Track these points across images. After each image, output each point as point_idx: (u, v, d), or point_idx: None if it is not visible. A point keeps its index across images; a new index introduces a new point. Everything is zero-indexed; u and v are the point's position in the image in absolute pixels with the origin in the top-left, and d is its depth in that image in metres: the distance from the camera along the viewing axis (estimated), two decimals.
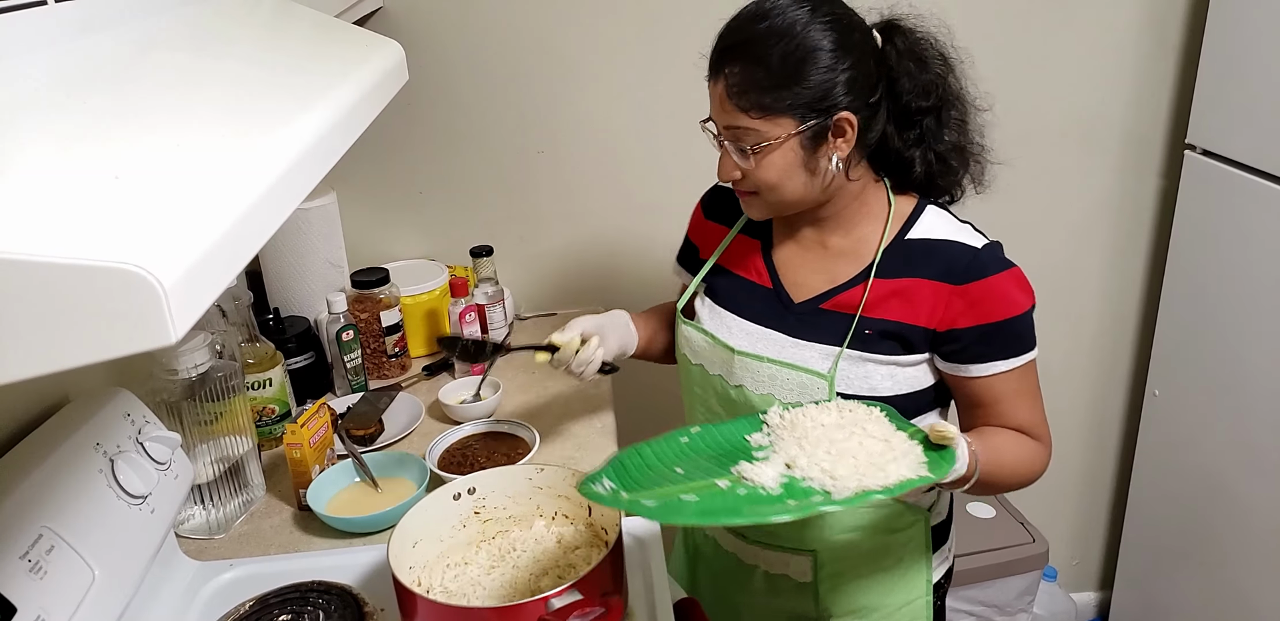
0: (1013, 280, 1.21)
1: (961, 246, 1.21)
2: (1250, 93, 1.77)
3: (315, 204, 1.79)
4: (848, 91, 1.14)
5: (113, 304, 0.50)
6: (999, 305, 1.19)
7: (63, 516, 1.03)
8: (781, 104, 1.14)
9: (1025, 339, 1.22)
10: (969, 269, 1.20)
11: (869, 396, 1.21)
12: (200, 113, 0.77)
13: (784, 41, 1.13)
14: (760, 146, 1.16)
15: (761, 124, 1.15)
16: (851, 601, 1.37)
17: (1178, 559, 2.16)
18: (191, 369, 1.33)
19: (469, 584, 1.17)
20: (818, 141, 1.16)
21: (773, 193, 1.21)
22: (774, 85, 1.13)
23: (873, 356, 1.23)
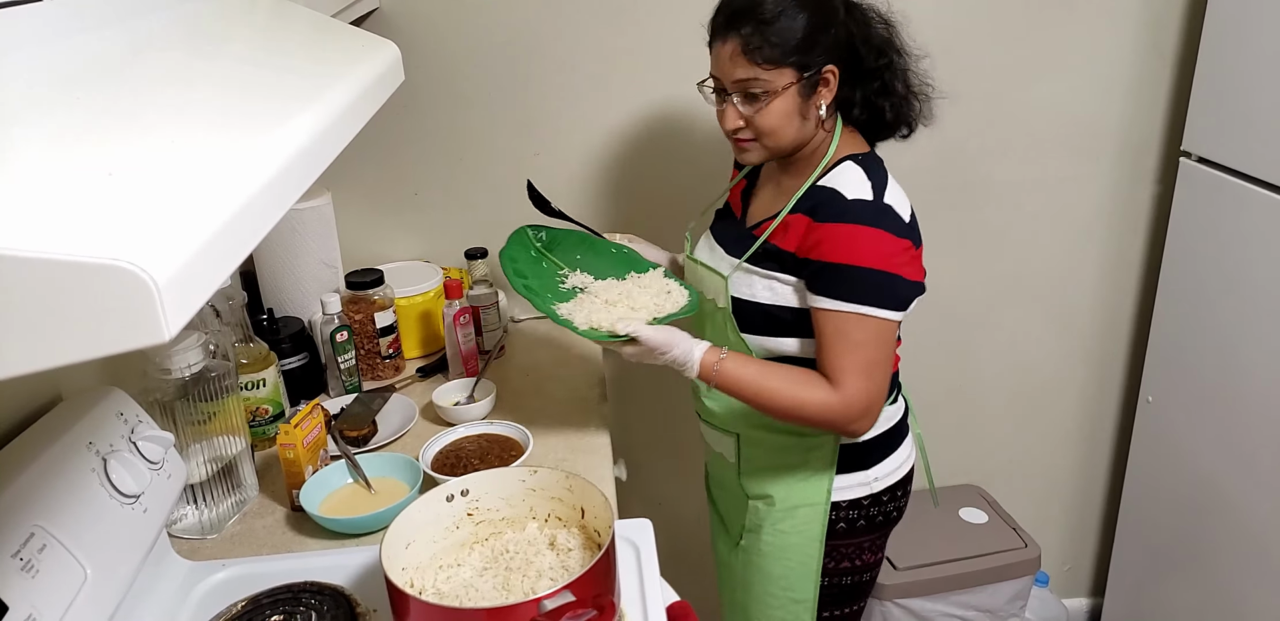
0: (862, 234, 1.37)
1: (836, 194, 1.39)
2: (1246, 100, 1.77)
3: (310, 204, 1.79)
4: (832, 49, 1.39)
5: (105, 301, 0.50)
6: (838, 249, 1.37)
7: (55, 515, 1.03)
8: (787, 58, 1.36)
9: (856, 289, 1.37)
10: (828, 212, 1.39)
11: (750, 301, 1.48)
12: (195, 111, 0.77)
13: (789, 6, 1.36)
14: (767, 94, 1.38)
15: (770, 75, 1.37)
16: (761, 486, 1.60)
17: (1170, 565, 2.16)
18: (185, 368, 1.32)
19: (461, 585, 1.17)
20: (809, 91, 1.40)
21: (771, 137, 1.42)
22: (781, 40, 1.35)
23: (758, 270, 1.47)
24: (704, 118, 1.99)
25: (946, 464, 2.42)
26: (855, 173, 1.42)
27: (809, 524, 1.57)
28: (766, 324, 1.48)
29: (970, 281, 2.22)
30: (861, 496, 1.58)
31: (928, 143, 2.06)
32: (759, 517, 1.60)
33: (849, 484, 1.57)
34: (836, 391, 1.40)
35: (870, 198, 1.39)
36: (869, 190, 1.40)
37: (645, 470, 2.28)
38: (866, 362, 1.40)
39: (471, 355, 1.82)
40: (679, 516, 2.25)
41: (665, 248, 1.79)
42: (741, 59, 1.37)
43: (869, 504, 1.60)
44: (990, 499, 2.35)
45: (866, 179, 1.41)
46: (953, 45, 1.99)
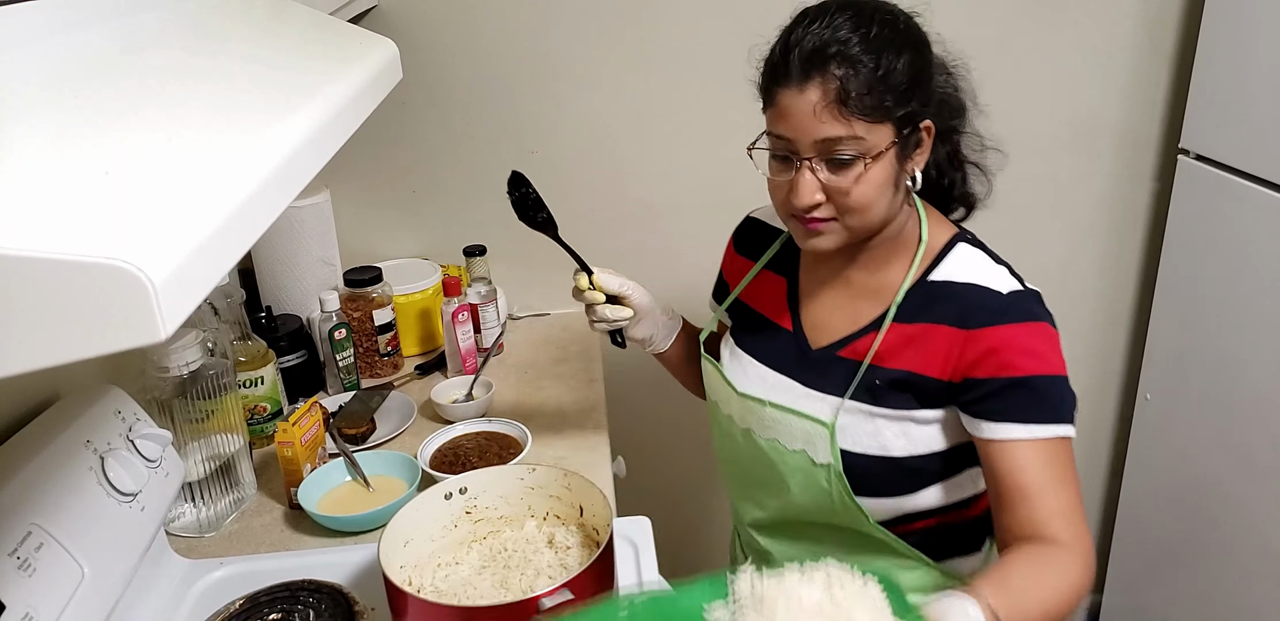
0: (1036, 334, 1.10)
1: (983, 290, 1.12)
2: (1244, 97, 1.77)
3: (308, 202, 1.79)
4: (929, 97, 1.11)
5: (102, 300, 0.50)
6: (1015, 357, 1.08)
7: (52, 513, 1.02)
8: (895, 109, 1.06)
9: (1050, 405, 1.08)
10: (984, 313, 1.10)
11: (872, 456, 1.15)
12: (192, 109, 0.77)
13: (892, 40, 1.06)
14: (863, 158, 1.06)
15: (869, 132, 1.05)
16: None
17: (1169, 563, 2.16)
18: (183, 366, 1.32)
19: (460, 583, 1.17)
20: (907, 153, 1.11)
21: (861, 215, 1.10)
22: (888, 86, 1.05)
23: (883, 410, 1.14)
24: (705, 116, 1.99)
25: None
26: (980, 258, 1.16)
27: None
28: (898, 481, 1.16)
29: None
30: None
31: None
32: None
33: None
34: (1078, 553, 1.02)
35: (1021, 287, 1.13)
36: (1009, 276, 1.14)
37: (644, 468, 2.27)
38: (1077, 500, 1.06)
39: (470, 353, 1.82)
40: (678, 514, 2.25)
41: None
42: (833, 111, 1.04)
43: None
44: None
45: (996, 263, 1.16)
46: (951, 42, 1.99)
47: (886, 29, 1.06)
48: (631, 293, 1.35)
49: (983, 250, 1.18)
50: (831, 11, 1.08)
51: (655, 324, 1.40)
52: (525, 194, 1.36)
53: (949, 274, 1.15)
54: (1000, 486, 1.07)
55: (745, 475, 1.32)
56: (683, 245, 2.07)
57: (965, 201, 1.27)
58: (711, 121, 1.97)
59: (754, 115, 1.17)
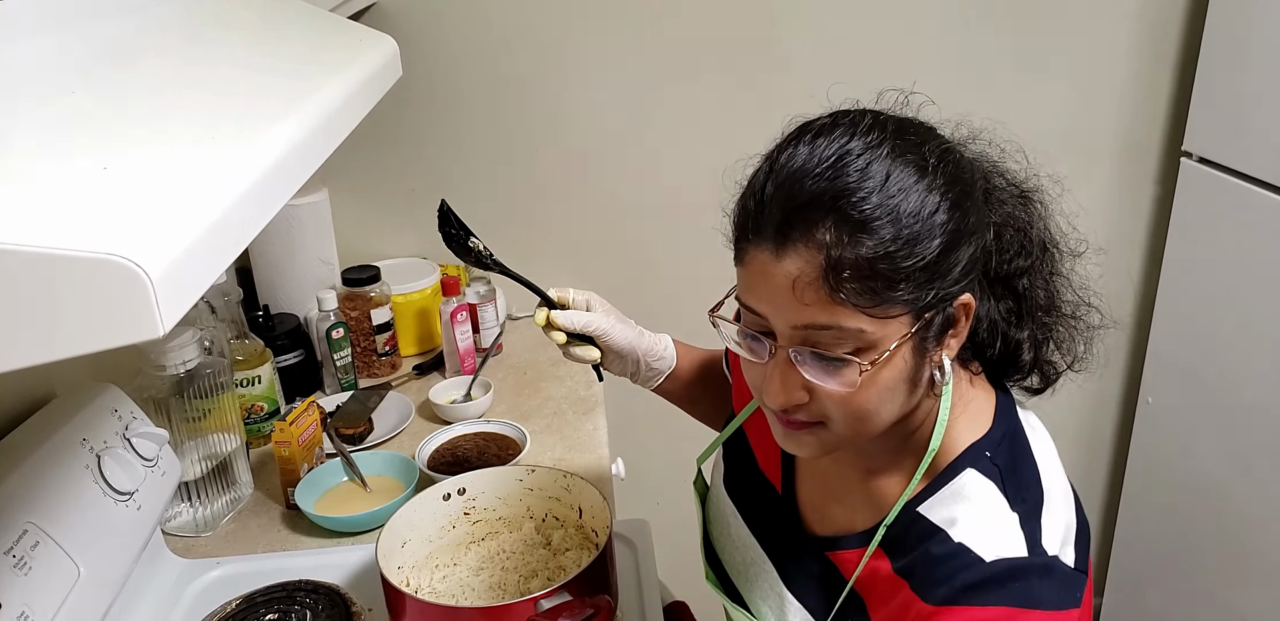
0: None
1: (960, 551, 0.81)
2: (1247, 100, 1.77)
3: (306, 200, 1.79)
4: (971, 268, 0.80)
5: (99, 295, 0.50)
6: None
7: (48, 512, 1.02)
8: (911, 293, 0.76)
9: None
10: (949, 586, 0.80)
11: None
12: (191, 105, 0.76)
13: (907, 195, 0.75)
14: (869, 358, 0.77)
15: (872, 322, 0.76)
16: None
17: (1168, 566, 2.16)
18: (180, 365, 1.31)
19: (457, 585, 1.16)
20: (934, 339, 0.81)
21: (858, 424, 0.82)
22: (901, 263, 0.74)
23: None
24: (709, 114, 1.99)
25: None
26: (986, 496, 0.84)
27: None
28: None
29: None
30: None
31: None
32: None
33: None
34: None
35: (1024, 551, 0.80)
36: (1017, 531, 0.82)
37: (643, 469, 2.27)
38: None
39: (469, 353, 1.81)
40: (677, 516, 2.24)
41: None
42: (817, 291, 0.75)
43: None
44: None
45: (1008, 505, 0.83)
46: (954, 45, 1.99)
47: (914, 172, 0.77)
48: (601, 333, 1.13)
49: (1000, 481, 0.85)
50: (836, 135, 0.79)
51: (637, 365, 1.17)
52: (453, 232, 1.14)
53: (937, 510, 0.85)
54: None
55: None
56: (686, 247, 2.06)
57: (1039, 370, 0.95)
58: (716, 120, 1.97)
59: (758, 114, 1.14)
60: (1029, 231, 0.91)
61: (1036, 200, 0.93)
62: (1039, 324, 0.90)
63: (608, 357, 1.16)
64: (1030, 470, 0.87)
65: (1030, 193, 0.93)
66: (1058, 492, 0.87)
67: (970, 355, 0.90)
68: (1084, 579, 0.83)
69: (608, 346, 1.14)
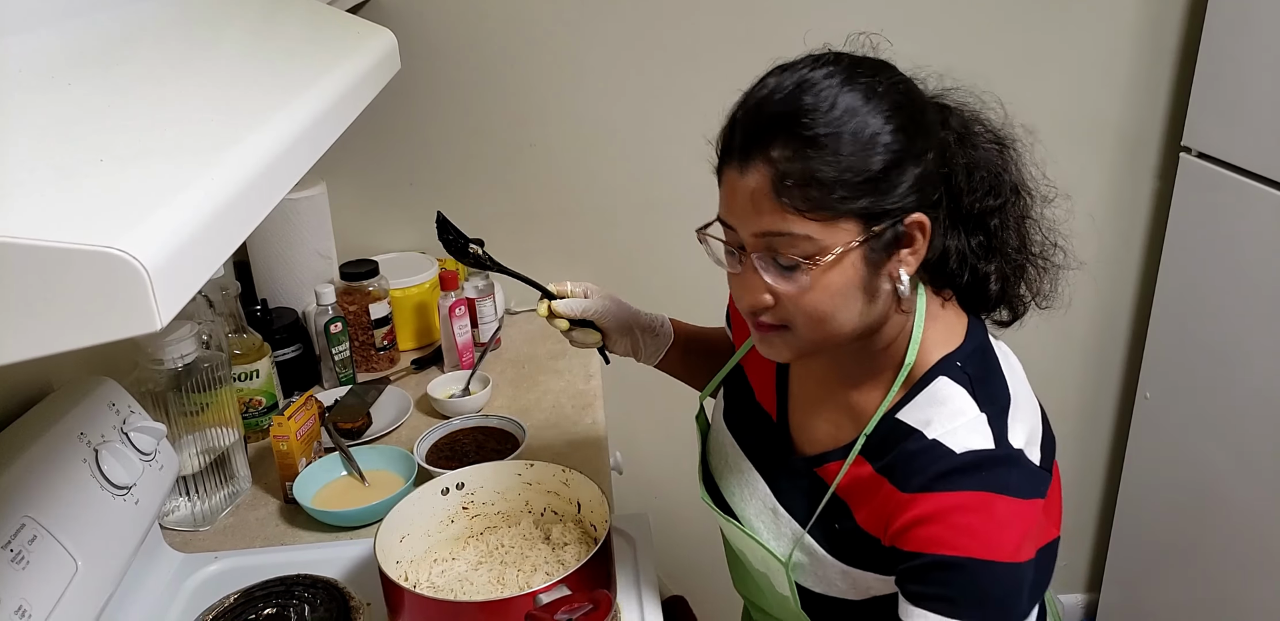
0: (993, 511, 0.86)
1: (933, 445, 0.90)
2: (1247, 96, 1.77)
3: (304, 194, 1.78)
4: (920, 187, 0.88)
5: (97, 288, 0.49)
6: (947, 532, 0.86)
7: (46, 506, 1.01)
8: (851, 202, 0.85)
9: (977, 603, 0.86)
10: (925, 474, 0.89)
11: (839, 598, 1.00)
12: (188, 97, 0.76)
13: (853, 117, 0.85)
14: (817, 261, 0.86)
15: (820, 228, 0.85)
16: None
17: (1166, 561, 2.16)
18: (177, 359, 1.31)
19: (456, 579, 1.16)
20: (886, 252, 0.89)
21: (817, 327, 0.91)
22: (836, 175, 0.84)
23: (839, 564, 0.98)
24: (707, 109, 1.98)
25: None
26: (957, 399, 0.92)
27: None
28: (871, 617, 0.99)
29: None
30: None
31: None
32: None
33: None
34: None
35: (991, 443, 0.89)
36: (985, 428, 0.90)
37: (642, 464, 2.27)
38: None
39: (467, 347, 1.81)
40: (676, 510, 2.24)
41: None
42: (770, 201, 0.85)
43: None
44: None
45: (976, 407, 0.92)
46: (952, 38, 1.98)
47: (861, 98, 0.86)
48: (599, 315, 1.20)
49: (972, 384, 0.94)
50: (800, 68, 0.90)
51: (636, 342, 1.25)
52: (451, 239, 1.24)
53: (913, 414, 0.94)
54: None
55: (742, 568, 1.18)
56: (683, 241, 2.06)
57: (1008, 303, 1.03)
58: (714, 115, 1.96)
59: None
60: (1002, 175, 0.98)
61: (1011, 147, 1.01)
62: (1008, 260, 0.99)
63: (610, 339, 1.23)
64: (998, 380, 0.96)
65: (1005, 140, 1.01)
66: (1024, 401, 0.95)
67: (942, 283, 0.99)
68: (1048, 478, 0.92)
69: (607, 328, 1.22)
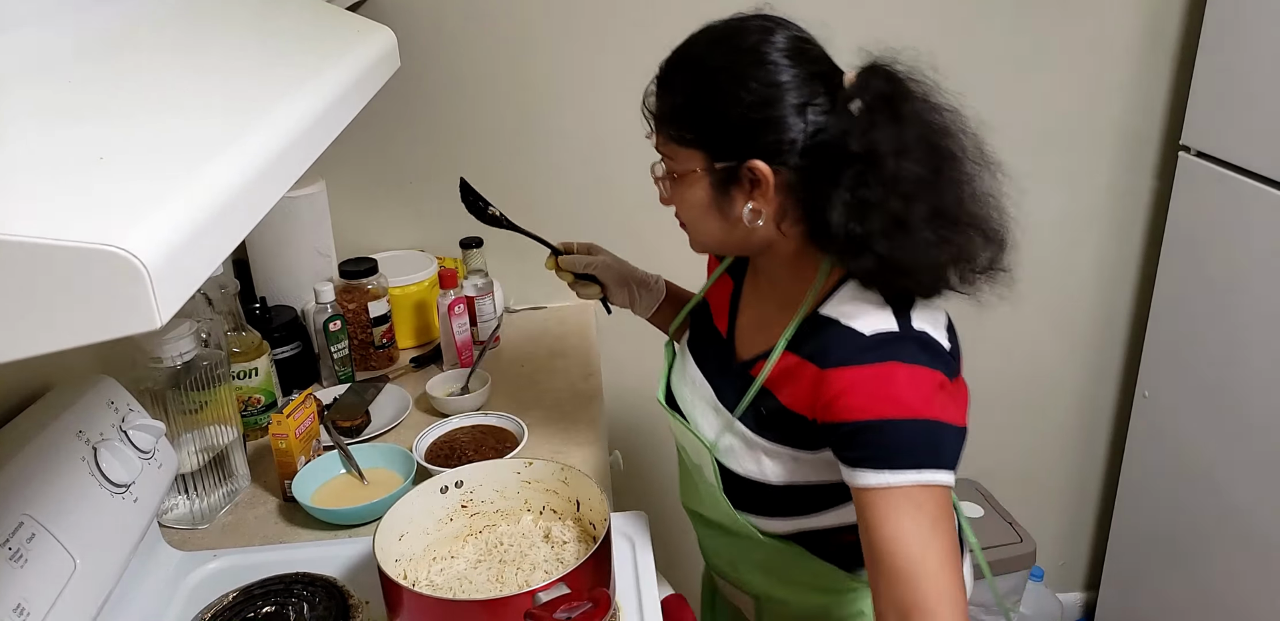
0: (892, 376, 0.99)
1: (845, 330, 1.03)
2: (1246, 95, 1.77)
3: (303, 192, 1.78)
4: (772, 138, 1.01)
5: (97, 286, 0.49)
6: (866, 402, 0.98)
7: (44, 504, 1.01)
8: (687, 137, 1.07)
9: (904, 453, 0.97)
10: (839, 354, 1.02)
11: (760, 481, 1.12)
12: (188, 95, 0.76)
13: (708, 72, 1.05)
14: (672, 176, 1.11)
15: (672, 153, 1.10)
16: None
17: (1165, 560, 2.16)
18: (176, 357, 1.31)
19: (455, 577, 1.16)
20: (727, 185, 1.06)
21: (691, 230, 1.16)
22: (681, 115, 1.07)
23: (763, 441, 1.11)
24: None
25: None
26: (868, 296, 1.06)
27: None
28: (787, 506, 1.13)
29: None
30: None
31: None
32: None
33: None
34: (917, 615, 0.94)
35: (895, 327, 1.02)
36: (889, 316, 1.04)
37: (641, 462, 2.27)
38: (939, 556, 0.95)
39: (466, 346, 1.81)
40: (675, 509, 2.24)
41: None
42: (659, 129, 1.12)
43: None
44: (986, 493, 2.35)
45: (884, 301, 1.05)
46: (951, 36, 1.98)
47: (721, 58, 1.05)
48: (600, 269, 1.43)
49: (876, 289, 1.07)
50: (710, 29, 1.11)
51: (632, 294, 1.45)
52: (473, 201, 1.50)
53: (830, 309, 1.08)
54: (864, 540, 0.99)
55: (688, 476, 1.33)
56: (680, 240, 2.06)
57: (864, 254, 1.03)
58: None
59: None
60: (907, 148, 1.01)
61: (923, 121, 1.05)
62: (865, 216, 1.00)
63: (609, 290, 1.45)
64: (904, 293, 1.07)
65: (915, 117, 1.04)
66: (930, 311, 1.06)
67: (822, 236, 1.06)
68: (954, 362, 1.04)
69: (607, 281, 1.44)
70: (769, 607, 1.31)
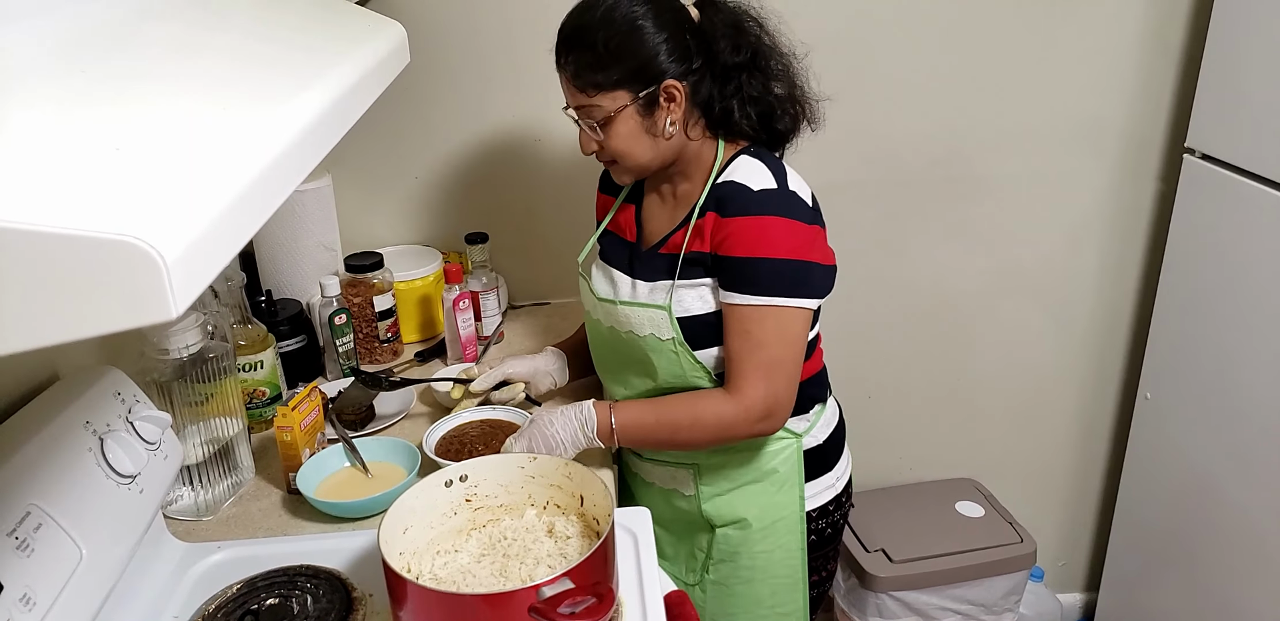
0: (773, 225, 1.32)
1: (741, 187, 1.35)
2: (1251, 98, 1.77)
3: (311, 186, 1.78)
4: (669, 61, 1.32)
5: (114, 277, 0.50)
6: (749, 242, 1.32)
7: (51, 494, 1.02)
8: (611, 80, 1.32)
9: (770, 281, 1.32)
10: (736, 206, 1.34)
11: (688, 317, 1.40)
12: (201, 86, 0.76)
13: (606, 26, 1.31)
14: (604, 120, 1.34)
15: (600, 99, 1.33)
16: (731, 511, 1.52)
17: (1164, 562, 2.16)
18: (183, 349, 1.31)
19: (459, 571, 1.16)
20: (651, 108, 1.34)
21: (627, 158, 1.38)
22: (602, 65, 1.31)
23: (685, 282, 1.40)
24: None
25: (943, 457, 2.42)
26: (753, 164, 1.38)
27: (789, 535, 1.53)
28: (706, 335, 1.41)
29: (970, 275, 2.21)
30: (828, 502, 1.56)
31: (930, 136, 2.05)
32: (732, 544, 1.54)
33: (818, 490, 1.55)
34: (733, 397, 1.36)
35: (775, 186, 1.35)
36: (771, 179, 1.36)
37: None
38: (768, 362, 1.35)
39: (470, 340, 1.81)
40: None
41: None
42: (572, 87, 1.35)
43: (833, 509, 1.58)
44: (987, 492, 2.35)
45: (766, 169, 1.37)
46: (958, 37, 1.98)
47: (609, 6, 1.32)
48: (511, 370, 1.60)
49: (761, 159, 1.39)
50: (579, 6, 1.36)
51: (548, 375, 1.63)
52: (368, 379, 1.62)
53: (728, 175, 1.38)
54: (725, 342, 1.38)
55: (615, 363, 1.55)
56: None
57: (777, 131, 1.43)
58: None
59: None
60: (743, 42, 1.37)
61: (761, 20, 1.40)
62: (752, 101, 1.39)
63: (531, 385, 1.62)
64: (778, 164, 1.40)
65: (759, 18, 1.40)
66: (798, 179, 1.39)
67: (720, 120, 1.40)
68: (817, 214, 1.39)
69: (522, 377, 1.61)
70: (707, 470, 1.52)
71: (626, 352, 1.50)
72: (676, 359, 1.43)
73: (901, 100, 2.03)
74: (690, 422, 1.39)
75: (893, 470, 2.41)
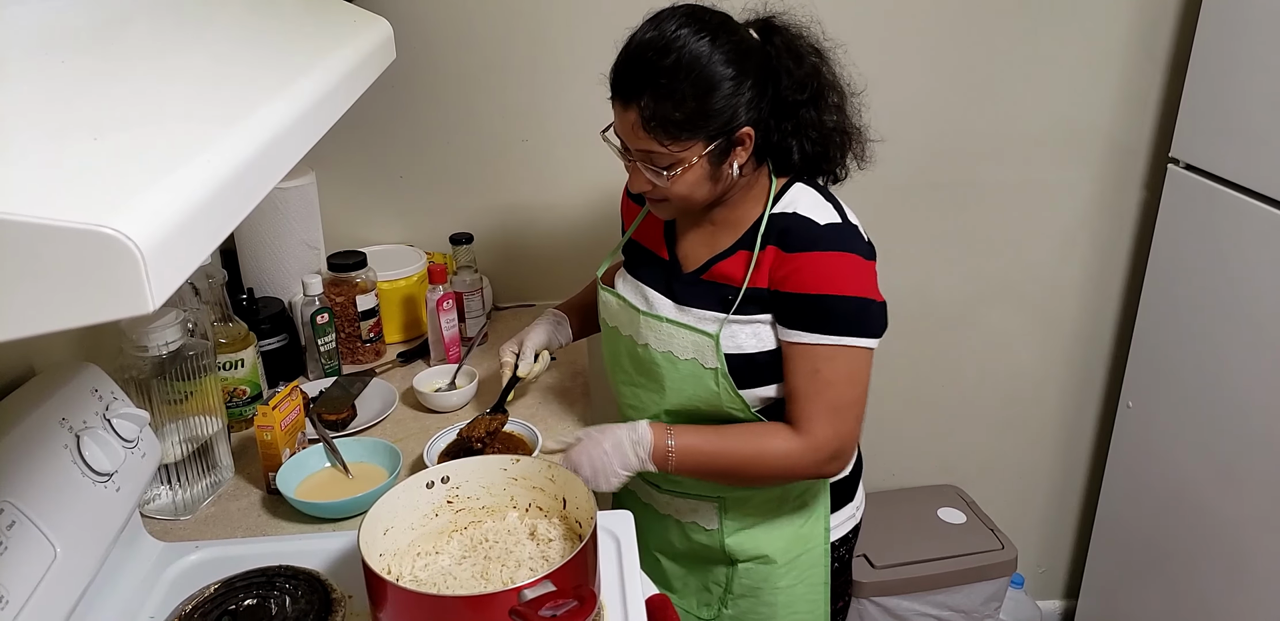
0: (841, 261, 1.29)
1: (807, 221, 1.31)
2: (1236, 108, 1.77)
3: (294, 184, 1.77)
4: (748, 110, 1.25)
5: (89, 268, 0.49)
6: (818, 279, 1.28)
7: (25, 491, 1.00)
8: (694, 133, 1.24)
9: (838, 320, 1.29)
10: (802, 240, 1.30)
11: (738, 354, 1.35)
12: (183, 79, 0.75)
13: (691, 76, 1.21)
14: (675, 168, 1.26)
15: (675, 149, 1.25)
16: (755, 546, 1.48)
17: (1144, 569, 2.17)
18: (162, 346, 1.30)
19: (439, 573, 1.16)
20: (723, 155, 1.28)
21: (686, 201, 1.32)
22: (685, 117, 1.22)
23: (740, 317, 1.34)
24: None
25: (926, 463, 2.42)
26: (813, 196, 1.34)
27: (813, 569, 1.50)
28: (754, 374, 1.36)
29: (955, 282, 2.21)
30: (849, 531, 1.55)
31: (916, 143, 2.05)
32: (754, 579, 1.50)
33: (841, 520, 1.53)
34: (800, 436, 1.32)
35: (839, 221, 1.31)
36: (834, 213, 1.32)
37: None
38: (837, 403, 1.31)
39: (454, 341, 1.80)
40: None
41: None
42: (642, 132, 1.25)
43: (853, 537, 1.57)
44: (969, 499, 2.35)
45: (825, 201, 1.34)
46: (943, 46, 1.99)
47: (705, 52, 1.22)
48: (534, 344, 1.61)
49: (816, 188, 1.36)
50: (664, 22, 1.26)
51: (557, 338, 1.65)
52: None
53: (784, 206, 1.33)
54: (787, 382, 1.34)
55: (635, 382, 1.49)
56: None
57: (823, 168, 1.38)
58: None
59: None
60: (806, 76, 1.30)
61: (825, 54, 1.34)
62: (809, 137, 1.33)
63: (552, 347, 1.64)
64: (832, 195, 1.37)
65: (822, 50, 1.33)
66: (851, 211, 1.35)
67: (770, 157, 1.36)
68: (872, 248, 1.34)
69: (547, 345, 1.63)
70: (732, 505, 1.48)
71: (653, 373, 1.44)
72: (716, 390, 1.38)
73: (888, 109, 2.03)
74: (753, 456, 1.34)
75: (875, 476, 2.40)
